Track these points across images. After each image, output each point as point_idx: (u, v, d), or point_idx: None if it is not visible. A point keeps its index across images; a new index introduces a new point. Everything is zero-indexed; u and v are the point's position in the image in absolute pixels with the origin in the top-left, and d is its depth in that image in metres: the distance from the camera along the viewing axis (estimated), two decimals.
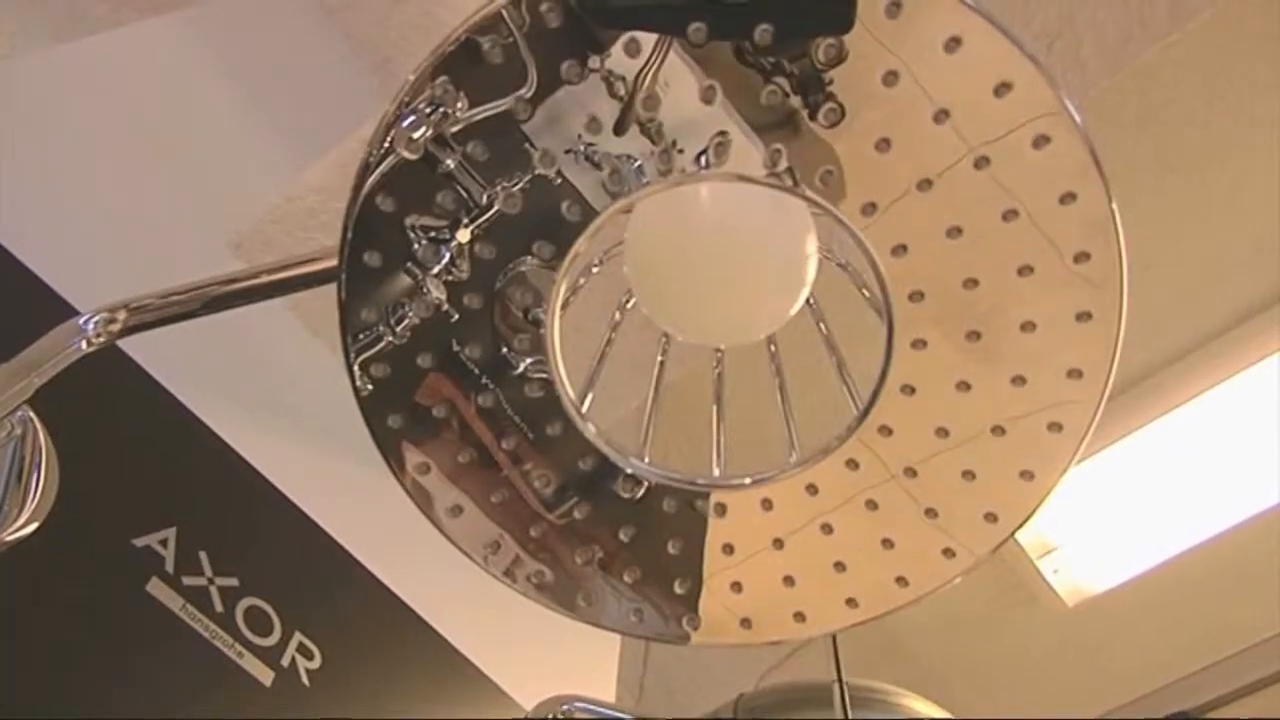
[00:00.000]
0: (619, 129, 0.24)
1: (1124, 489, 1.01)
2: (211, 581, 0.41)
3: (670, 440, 0.37)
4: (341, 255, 0.26)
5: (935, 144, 0.24)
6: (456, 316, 0.27)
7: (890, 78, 0.23)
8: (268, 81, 0.66)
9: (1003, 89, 0.23)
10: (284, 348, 0.54)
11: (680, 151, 0.24)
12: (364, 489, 0.46)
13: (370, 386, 0.27)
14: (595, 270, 0.33)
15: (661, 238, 0.28)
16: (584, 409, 0.29)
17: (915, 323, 0.26)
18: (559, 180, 0.25)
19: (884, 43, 0.22)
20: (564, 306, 0.27)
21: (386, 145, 0.24)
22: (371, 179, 0.25)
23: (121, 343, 0.31)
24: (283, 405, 0.51)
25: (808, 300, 0.29)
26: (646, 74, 0.23)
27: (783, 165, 0.24)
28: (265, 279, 0.30)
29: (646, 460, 0.29)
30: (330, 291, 0.27)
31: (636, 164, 0.24)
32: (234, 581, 0.42)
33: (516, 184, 0.25)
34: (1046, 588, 1.06)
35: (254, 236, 0.56)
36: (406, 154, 0.24)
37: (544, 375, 0.28)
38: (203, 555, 0.41)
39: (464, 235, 0.25)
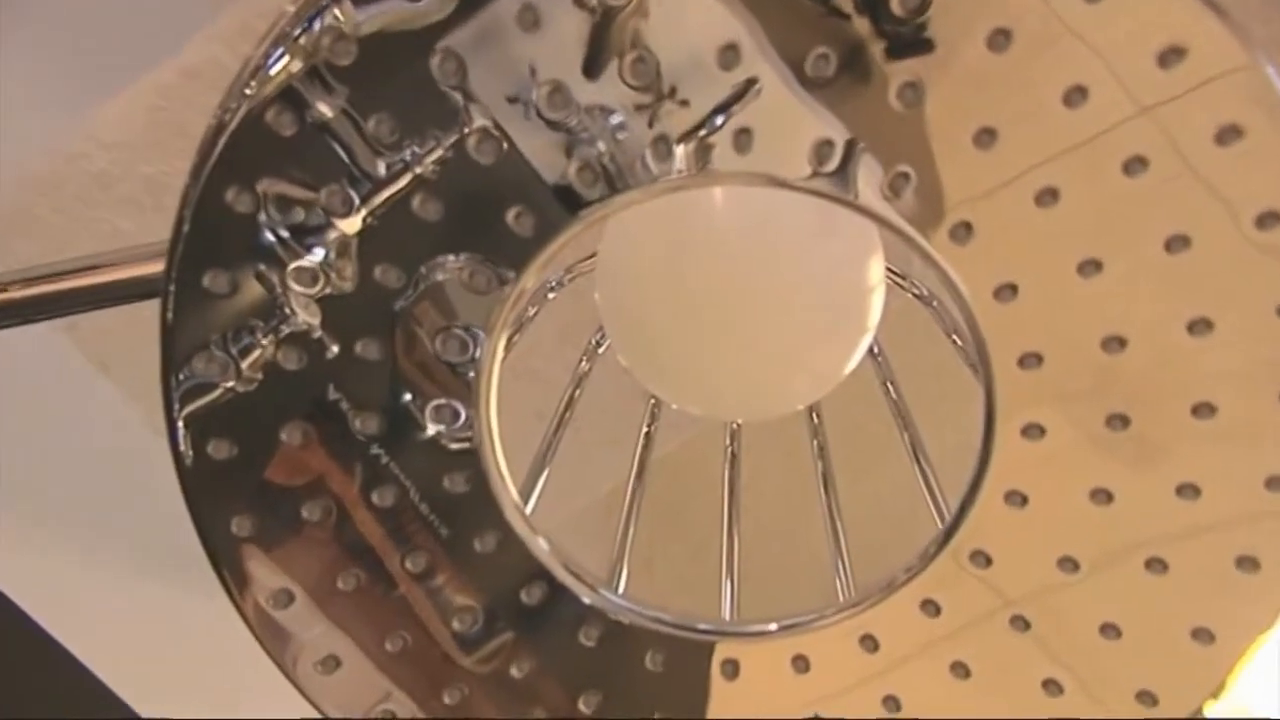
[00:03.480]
0: (591, 66, 0.23)
1: None
2: None
3: (655, 545, 0.37)
4: (171, 256, 0.24)
5: (1064, 137, 0.23)
6: (335, 350, 0.25)
7: (999, 38, 0.22)
8: None
9: (1172, 55, 0.22)
10: (51, 387, 0.51)
11: (683, 104, 0.23)
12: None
13: (196, 455, 0.26)
14: (551, 295, 0.33)
15: (650, 262, 0.28)
16: (529, 507, 0.28)
17: (1029, 398, 0.25)
18: (494, 145, 0.23)
19: None
20: (507, 348, 0.27)
21: (251, 90, 0.23)
22: (223, 141, 0.23)
23: None
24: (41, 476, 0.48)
25: (871, 350, 0.29)
26: None
27: (834, 163, 0.23)
28: (36, 290, 0.29)
29: (622, 591, 0.29)
30: (131, 311, 0.26)
31: (615, 122, 0.23)
32: None
33: (434, 150, 0.24)
34: None
35: (10, 218, 0.52)
36: (315, 115, 0.23)
37: (468, 443, 0.27)
38: None
39: (351, 225, 0.24)
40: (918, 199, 0.23)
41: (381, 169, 0.24)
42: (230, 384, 0.25)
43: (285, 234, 0.24)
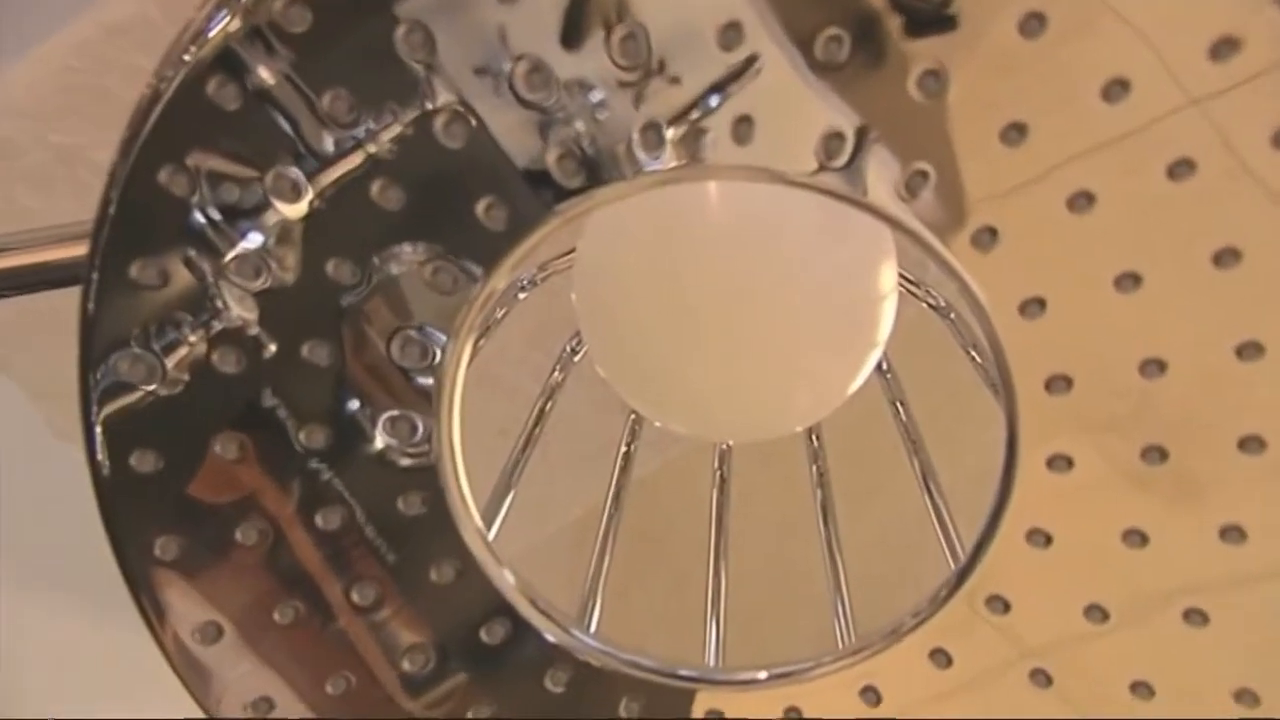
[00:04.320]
0: (570, 35, 0.22)
1: None
2: None
3: (631, 579, 0.37)
4: (96, 240, 0.24)
5: (1102, 133, 0.22)
6: (273, 350, 0.25)
7: (1032, 22, 0.22)
8: None
9: (1225, 45, 0.21)
10: None
11: (673, 82, 0.22)
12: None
13: (114, 465, 0.25)
14: (522, 296, 0.33)
15: (636, 261, 0.28)
16: (492, 533, 0.28)
17: (1056, 426, 0.25)
18: (464, 126, 0.23)
19: None
20: (472, 354, 0.26)
21: (190, 56, 0.22)
22: (157, 113, 0.23)
23: None
24: None
25: (879, 366, 0.29)
26: None
27: (844, 157, 0.23)
28: None
29: (594, 630, 0.29)
30: (35, 303, 0.25)
31: (594, 99, 0.23)
32: None
33: (391, 127, 0.23)
34: None
35: None
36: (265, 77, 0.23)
37: (423, 460, 0.26)
38: None
39: (295, 208, 0.24)
40: (937, 200, 0.23)
41: (330, 146, 0.23)
42: (153, 386, 0.25)
43: (220, 217, 0.24)
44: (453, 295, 0.25)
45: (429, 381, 0.26)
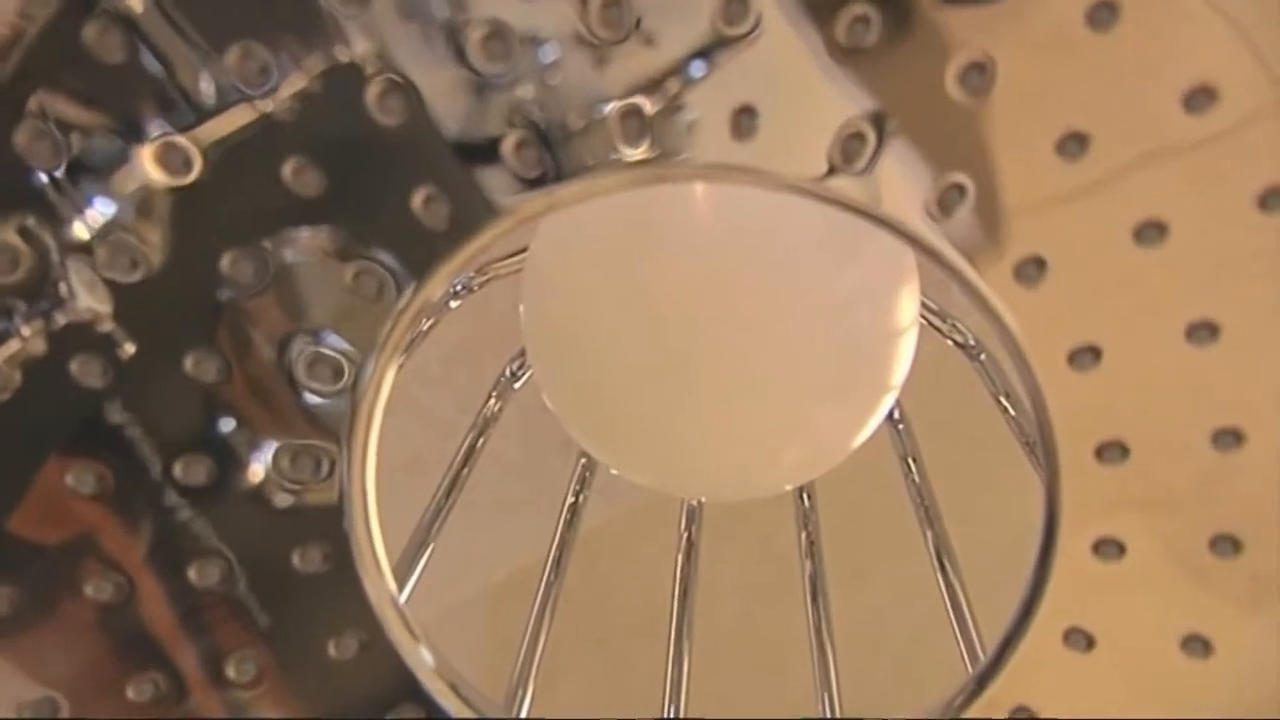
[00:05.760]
0: None
1: None
2: None
3: (567, 655, 0.37)
4: None
5: (1179, 150, 0.22)
6: (129, 351, 0.24)
7: (1102, 11, 0.21)
8: None
9: None
10: None
11: (648, 44, 0.22)
12: None
13: None
14: (454, 304, 0.33)
15: (600, 271, 0.28)
16: (404, 595, 0.27)
17: (1107, 502, 0.25)
18: (401, 99, 0.22)
19: None
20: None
21: None
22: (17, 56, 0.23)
23: None
24: None
25: (890, 415, 0.29)
26: None
27: (863, 162, 0.22)
28: None
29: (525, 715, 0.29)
30: None
31: (547, 59, 0.22)
32: None
33: (292, 80, 0.22)
34: None
35: None
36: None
37: (318, 502, 0.26)
38: None
39: (161, 173, 0.23)
40: (974, 219, 0.23)
41: (211, 96, 0.22)
42: None
43: (66, 177, 0.23)
44: (377, 303, 0.24)
45: (328, 403, 0.25)
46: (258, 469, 0.26)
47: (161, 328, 0.25)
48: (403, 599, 0.27)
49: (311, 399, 0.25)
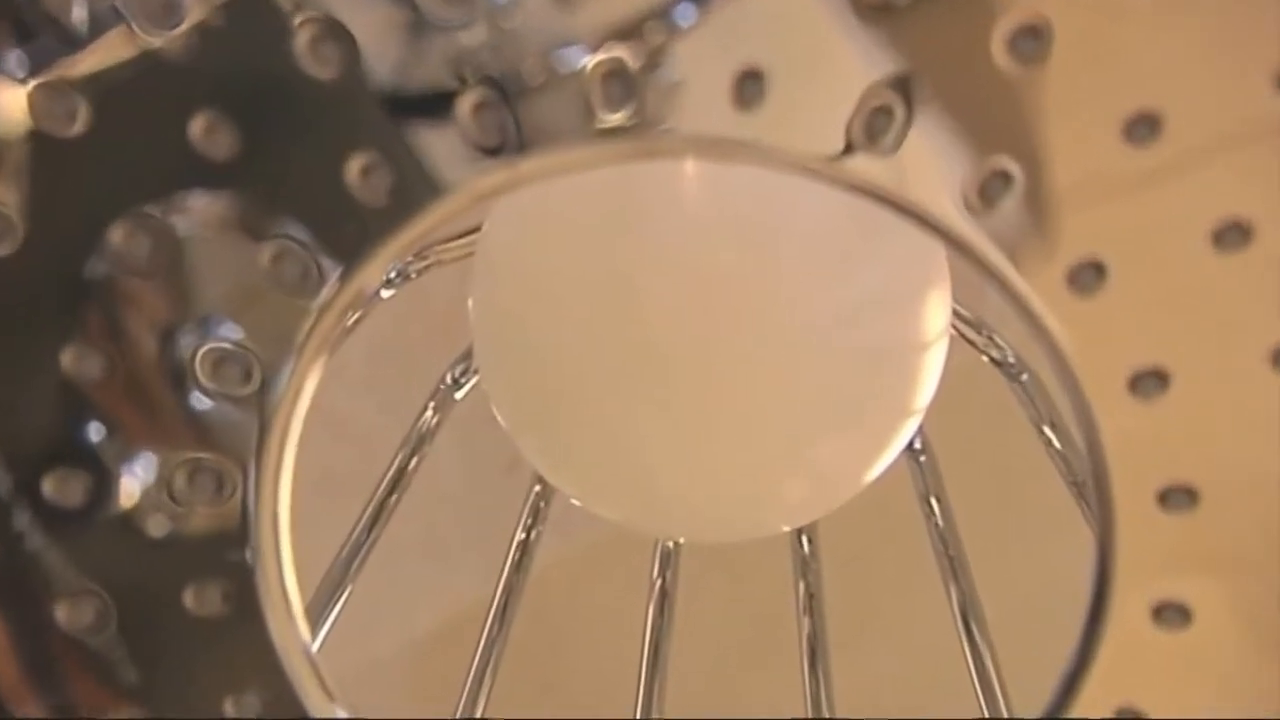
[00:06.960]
0: None
1: None
2: None
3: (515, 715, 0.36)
4: None
5: (1270, 137, 0.22)
6: None
7: None
8: None
9: None
10: None
11: None
12: None
13: None
14: (386, 294, 0.33)
15: (567, 262, 0.28)
16: (316, 644, 0.27)
17: (1172, 558, 0.24)
18: (339, 46, 0.22)
19: None
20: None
21: None
22: None
23: None
24: None
25: (911, 445, 0.29)
26: None
27: (889, 140, 0.22)
28: None
29: None
30: None
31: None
32: None
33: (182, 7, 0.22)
34: None
35: None
36: None
37: (209, 531, 0.25)
38: None
39: (12, 116, 0.23)
40: (1021, 213, 0.23)
41: (83, 21, 0.22)
42: None
43: None
44: (298, 292, 0.23)
45: (233, 410, 0.24)
46: (134, 488, 0.25)
47: (11, 307, 0.24)
48: (315, 648, 0.26)
49: (210, 404, 0.24)
